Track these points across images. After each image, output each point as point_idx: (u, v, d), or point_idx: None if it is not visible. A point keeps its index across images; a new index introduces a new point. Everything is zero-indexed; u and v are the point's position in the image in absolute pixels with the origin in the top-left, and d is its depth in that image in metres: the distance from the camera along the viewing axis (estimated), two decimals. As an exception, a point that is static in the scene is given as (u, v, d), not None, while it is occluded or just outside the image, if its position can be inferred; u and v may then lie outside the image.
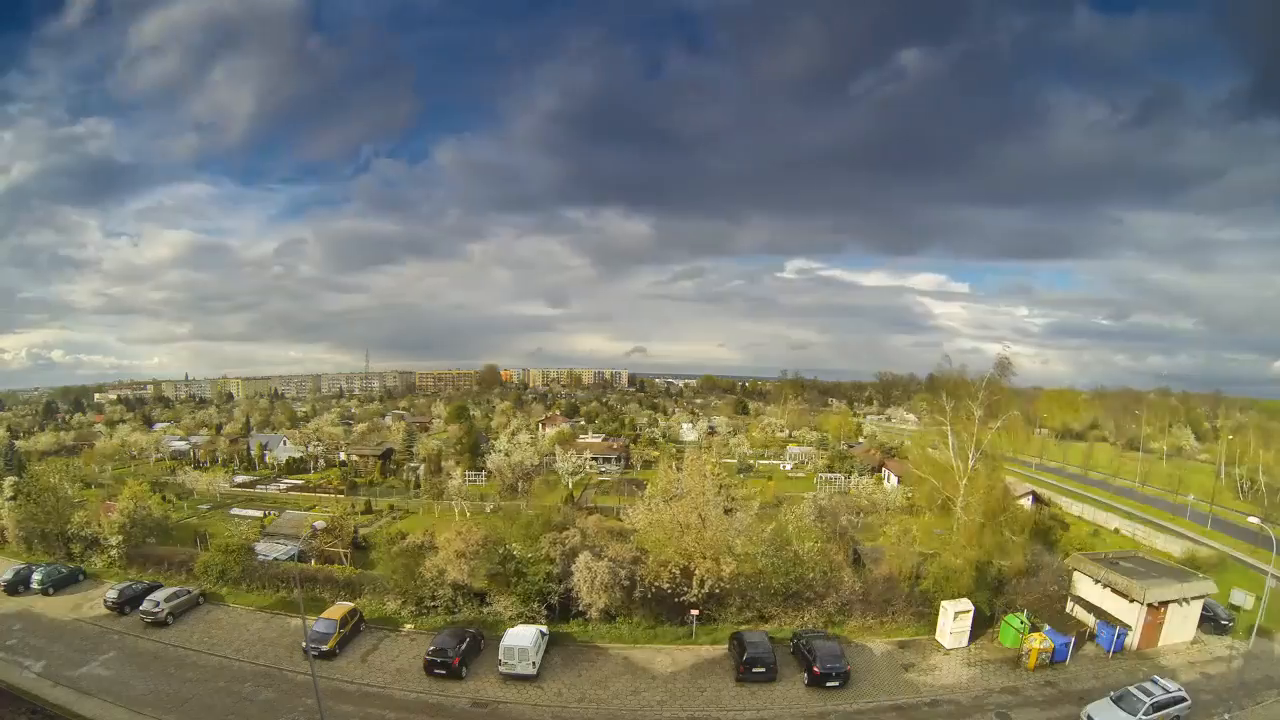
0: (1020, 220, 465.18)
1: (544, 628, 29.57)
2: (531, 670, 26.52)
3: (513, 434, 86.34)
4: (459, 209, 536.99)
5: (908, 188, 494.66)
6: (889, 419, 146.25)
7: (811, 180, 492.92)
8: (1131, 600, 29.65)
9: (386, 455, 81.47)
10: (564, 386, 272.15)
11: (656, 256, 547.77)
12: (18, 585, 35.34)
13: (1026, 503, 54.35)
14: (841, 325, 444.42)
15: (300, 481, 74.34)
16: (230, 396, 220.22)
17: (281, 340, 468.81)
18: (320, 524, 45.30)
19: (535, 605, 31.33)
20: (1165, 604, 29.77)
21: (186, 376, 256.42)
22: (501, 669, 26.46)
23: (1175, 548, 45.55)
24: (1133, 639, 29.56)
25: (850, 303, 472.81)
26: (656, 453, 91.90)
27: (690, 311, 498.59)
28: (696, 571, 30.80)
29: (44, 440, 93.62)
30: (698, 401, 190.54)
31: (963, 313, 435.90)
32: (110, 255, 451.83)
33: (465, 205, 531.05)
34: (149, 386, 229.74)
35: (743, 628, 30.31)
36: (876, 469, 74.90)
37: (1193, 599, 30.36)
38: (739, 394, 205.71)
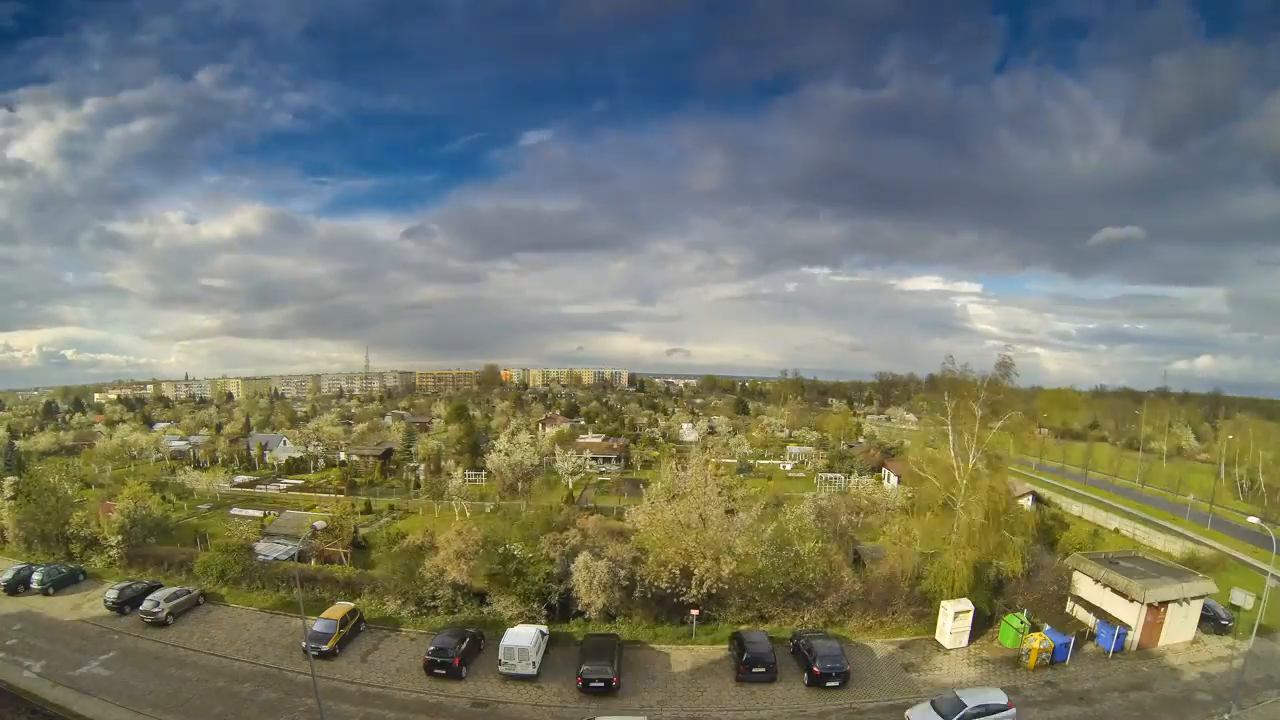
0: (1184, 252, 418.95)
1: (544, 628, 29.56)
2: (531, 670, 26.52)
3: (513, 434, 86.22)
4: (652, 192, 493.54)
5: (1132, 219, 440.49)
6: (889, 419, 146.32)
7: (1046, 203, 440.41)
8: (1131, 600, 29.66)
9: (386, 455, 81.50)
10: (564, 386, 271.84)
11: (827, 259, 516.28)
12: (18, 585, 35.33)
13: (1027, 502, 54.45)
14: (896, 328, 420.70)
15: (300, 481, 74.31)
16: (230, 396, 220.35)
17: (319, 336, 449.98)
18: (320, 524, 45.34)
19: (535, 605, 31.36)
20: (1165, 604, 29.78)
21: (186, 376, 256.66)
22: (501, 669, 26.46)
23: (1175, 547, 45.56)
24: (1133, 639, 29.57)
25: (915, 307, 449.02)
26: (656, 453, 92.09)
27: (759, 313, 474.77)
28: (696, 571, 30.80)
29: (44, 440, 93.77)
30: (698, 401, 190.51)
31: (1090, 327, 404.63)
32: (164, 232, 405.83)
33: (663, 188, 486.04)
34: (149, 386, 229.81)
35: (743, 628, 30.30)
36: (876, 469, 74.91)
37: (1193, 599, 30.38)
38: (739, 394, 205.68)
